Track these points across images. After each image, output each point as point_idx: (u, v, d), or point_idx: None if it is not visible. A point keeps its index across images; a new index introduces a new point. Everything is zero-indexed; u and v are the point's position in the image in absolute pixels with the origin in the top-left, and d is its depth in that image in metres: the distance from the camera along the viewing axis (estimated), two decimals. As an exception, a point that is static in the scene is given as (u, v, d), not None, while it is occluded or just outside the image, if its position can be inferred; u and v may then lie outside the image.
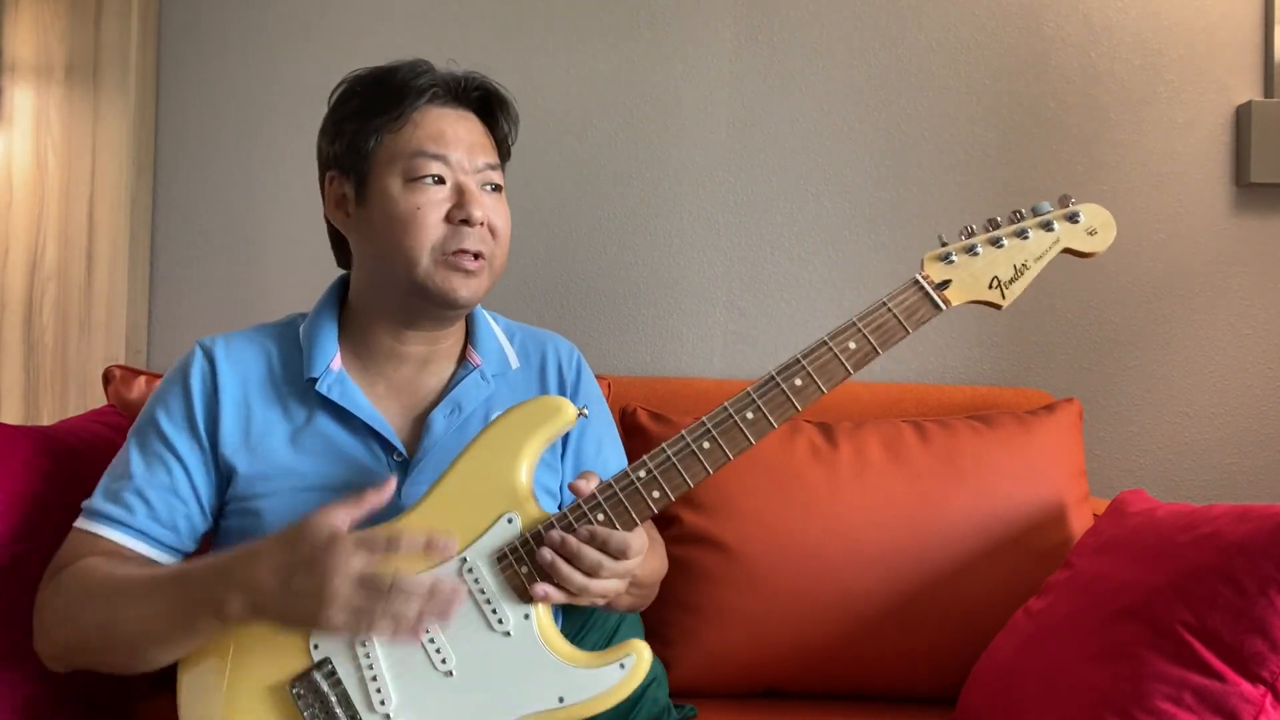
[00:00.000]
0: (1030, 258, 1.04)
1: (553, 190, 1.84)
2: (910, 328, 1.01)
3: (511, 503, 0.99)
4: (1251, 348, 1.78)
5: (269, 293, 1.86)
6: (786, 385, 1.00)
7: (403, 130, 1.09)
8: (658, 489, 0.99)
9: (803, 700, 1.46)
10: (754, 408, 1.00)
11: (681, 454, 0.99)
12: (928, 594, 1.42)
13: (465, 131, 1.12)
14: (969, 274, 1.03)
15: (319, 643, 0.96)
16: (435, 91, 1.11)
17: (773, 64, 1.83)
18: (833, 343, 1.01)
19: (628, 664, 0.96)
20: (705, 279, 1.83)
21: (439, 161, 1.09)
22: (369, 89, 1.12)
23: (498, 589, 0.97)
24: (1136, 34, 1.79)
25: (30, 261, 1.80)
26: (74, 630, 1.01)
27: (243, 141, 1.86)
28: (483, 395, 1.16)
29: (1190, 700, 1.02)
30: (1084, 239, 1.05)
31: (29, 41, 1.80)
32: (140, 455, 1.09)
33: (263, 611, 0.92)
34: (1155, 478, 1.78)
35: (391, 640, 0.95)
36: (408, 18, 1.85)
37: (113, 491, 1.08)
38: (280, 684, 0.95)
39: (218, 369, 1.12)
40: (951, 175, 1.81)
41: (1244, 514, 1.10)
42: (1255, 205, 1.77)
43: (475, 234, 1.08)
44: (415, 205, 1.07)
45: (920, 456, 1.48)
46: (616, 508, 0.98)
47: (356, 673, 0.95)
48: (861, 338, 1.01)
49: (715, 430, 1.00)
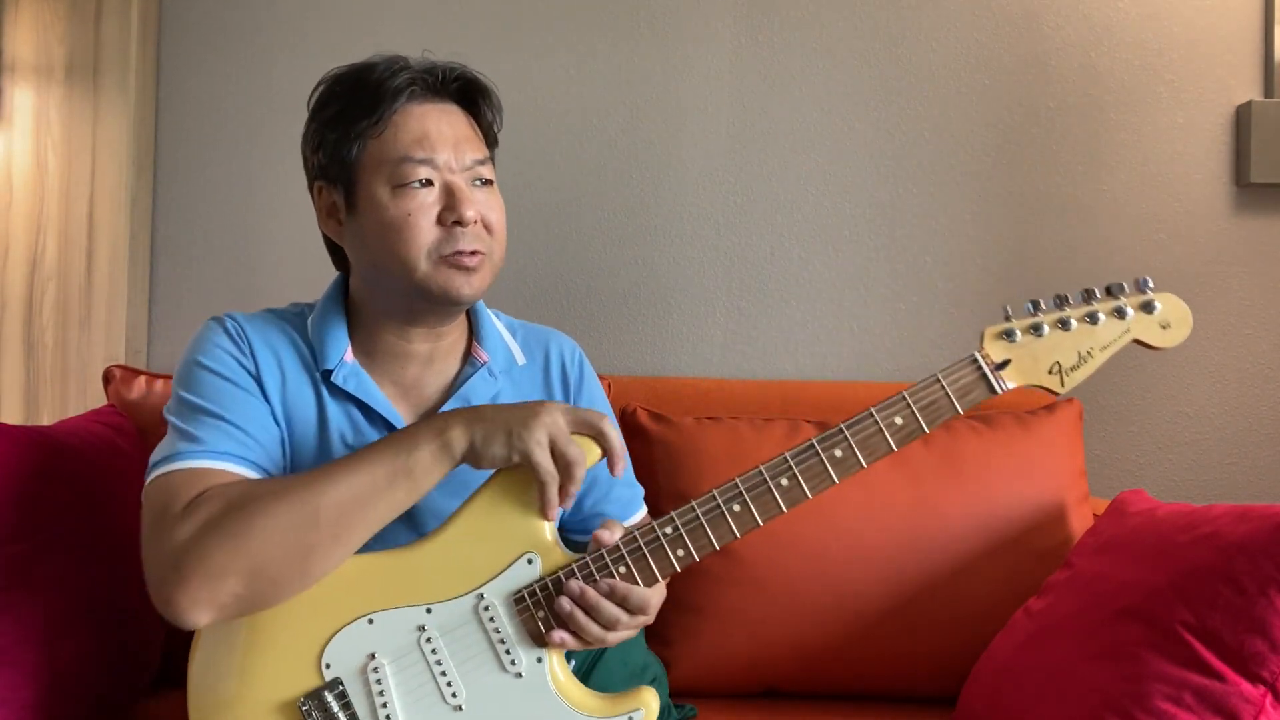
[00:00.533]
0: (1097, 346, 0.98)
1: (553, 190, 1.84)
2: (961, 408, 0.96)
3: (533, 543, 0.98)
4: (1251, 348, 1.78)
5: (269, 293, 1.86)
6: (826, 455, 0.96)
7: (384, 135, 1.06)
8: (682, 547, 0.97)
9: (803, 700, 1.46)
10: (789, 474, 0.97)
11: (710, 514, 0.97)
12: (928, 594, 1.42)
13: (449, 127, 1.08)
14: (1030, 355, 0.97)
15: (331, 663, 0.96)
16: (414, 89, 1.08)
17: (773, 64, 1.83)
18: (879, 415, 0.97)
19: (636, 717, 0.96)
20: (705, 279, 1.83)
21: (425, 165, 1.06)
22: (346, 92, 1.09)
23: (513, 630, 0.97)
24: (1136, 34, 1.79)
25: (30, 261, 1.80)
26: (258, 545, 0.92)
27: (243, 141, 1.86)
28: (490, 392, 1.16)
29: (1190, 700, 1.02)
30: (1157, 332, 0.99)
31: (29, 41, 1.80)
32: (203, 393, 1.03)
33: (479, 426, 0.96)
34: (1155, 478, 1.78)
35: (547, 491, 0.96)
36: (407, 17, 1.85)
37: (184, 432, 1.01)
38: (290, 700, 0.95)
39: (246, 332, 1.10)
40: (951, 175, 1.81)
41: (1244, 514, 1.10)
42: (1255, 205, 1.77)
43: (469, 233, 1.07)
44: (406, 211, 1.05)
45: (920, 456, 1.48)
46: (639, 562, 0.97)
47: (367, 697, 0.95)
48: (910, 414, 0.96)
49: (747, 493, 0.97)
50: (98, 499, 1.30)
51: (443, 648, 0.96)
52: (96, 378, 1.77)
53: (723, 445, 1.50)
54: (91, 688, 1.24)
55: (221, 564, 0.92)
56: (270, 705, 0.95)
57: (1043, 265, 1.80)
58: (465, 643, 0.97)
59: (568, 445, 0.96)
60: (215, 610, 0.93)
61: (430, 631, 0.97)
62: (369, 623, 0.97)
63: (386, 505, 0.96)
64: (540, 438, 0.95)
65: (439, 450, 0.97)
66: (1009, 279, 1.80)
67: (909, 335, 1.81)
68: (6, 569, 1.16)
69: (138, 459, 1.44)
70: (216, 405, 1.03)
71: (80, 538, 1.25)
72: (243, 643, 0.97)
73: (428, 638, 0.97)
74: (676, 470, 1.49)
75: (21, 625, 1.16)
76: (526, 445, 0.95)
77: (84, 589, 1.23)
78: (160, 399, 1.55)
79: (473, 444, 0.96)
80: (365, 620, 0.97)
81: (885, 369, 1.81)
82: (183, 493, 0.96)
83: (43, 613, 1.18)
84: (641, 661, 1.36)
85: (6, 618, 1.15)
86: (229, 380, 1.05)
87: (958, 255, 1.81)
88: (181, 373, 1.07)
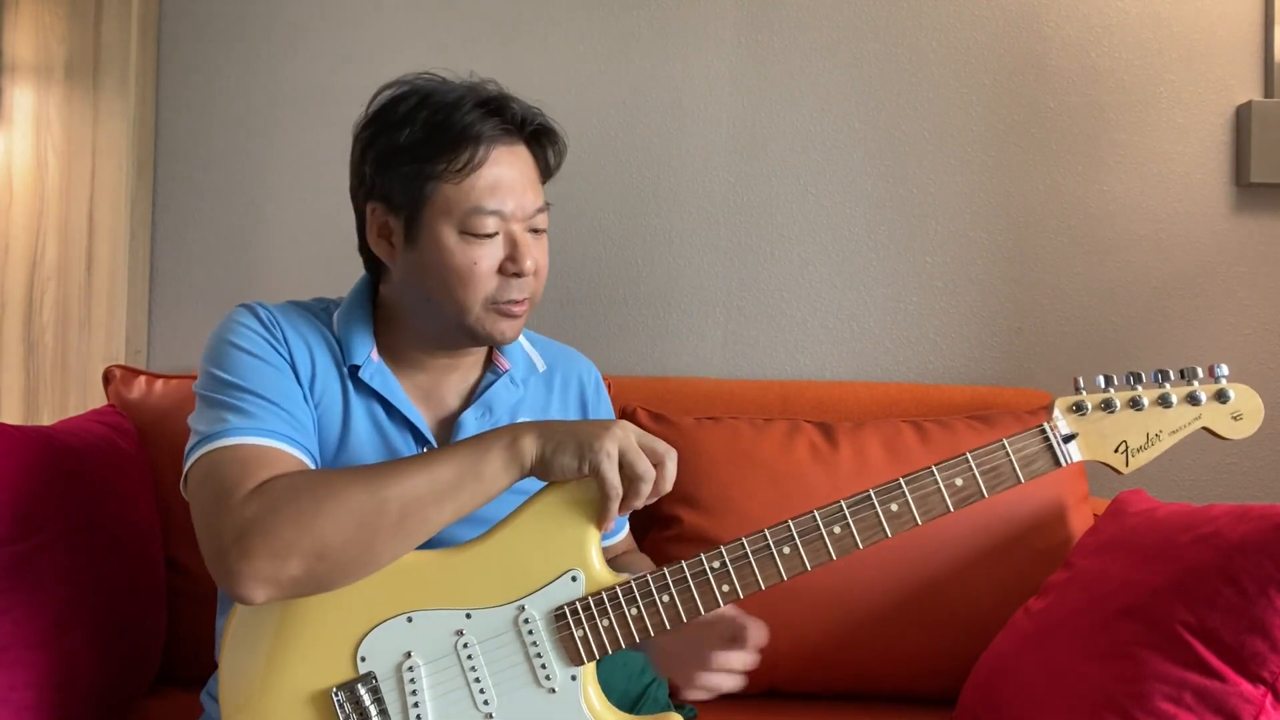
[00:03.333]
0: (1166, 430, 0.97)
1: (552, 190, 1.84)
2: (1024, 477, 0.96)
3: (579, 561, 0.99)
4: (1251, 348, 1.78)
5: (269, 292, 1.85)
6: (882, 508, 0.96)
7: (469, 178, 1.05)
8: (728, 584, 0.97)
9: (803, 700, 1.46)
10: (843, 523, 0.97)
11: (759, 554, 0.97)
12: (928, 594, 1.42)
13: (520, 174, 1.09)
14: (1098, 432, 0.97)
15: (366, 656, 0.96)
16: (505, 132, 1.08)
17: (773, 64, 1.83)
18: (940, 474, 0.96)
19: None
20: (705, 279, 1.83)
21: (495, 216, 1.06)
22: (426, 122, 1.06)
23: (550, 646, 0.97)
24: (1136, 34, 1.79)
25: (30, 261, 1.80)
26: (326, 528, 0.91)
27: (243, 141, 1.86)
28: (513, 399, 1.18)
29: (1190, 700, 1.02)
30: (1227, 423, 0.97)
31: (29, 41, 1.80)
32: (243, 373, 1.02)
33: (551, 437, 0.97)
34: (1155, 478, 1.78)
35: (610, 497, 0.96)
36: (407, 17, 1.85)
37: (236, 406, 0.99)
38: (323, 690, 0.96)
39: (278, 319, 1.09)
40: (951, 175, 1.81)
41: (1244, 514, 1.10)
42: (1255, 205, 1.77)
43: (524, 283, 1.09)
44: (472, 260, 1.06)
45: (920, 456, 1.48)
46: (684, 593, 0.97)
47: (400, 695, 0.96)
48: (971, 477, 0.96)
49: (799, 537, 0.97)
50: (98, 499, 1.30)
51: (479, 655, 0.97)
52: (96, 378, 1.77)
53: (723, 445, 1.50)
54: (91, 687, 1.24)
55: (288, 543, 0.91)
56: (302, 693, 0.96)
57: (1043, 265, 1.80)
58: (502, 653, 0.97)
59: (637, 459, 0.96)
60: (274, 588, 0.92)
61: (468, 637, 0.97)
62: (408, 621, 0.97)
63: (453, 506, 0.96)
64: (611, 450, 0.96)
65: (509, 458, 0.97)
66: (1009, 279, 1.80)
67: (909, 335, 1.81)
68: (6, 569, 1.16)
69: (138, 459, 1.44)
70: (259, 385, 1.02)
71: (80, 538, 1.25)
72: (277, 630, 0.97)
73: (465, 643, 0.97)
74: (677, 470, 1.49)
75: (21, 625, 1.16)
76: (597, 457, 0.95)
77: (84, 589, 1.24)
78: (160, 399, 1.55)
79: (543, 454, 0.97)
80: (405, 618, 0.97)
81: (885, 369, 1.81)
82: (249, 469, 0.95)
83: (43, 613, 1.18)
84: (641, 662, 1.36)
85: (6, 618, 1.15)
86: (265, 362, 1.04)
87: (958, 255, 1.81)
88: (214, 353, 1.05)
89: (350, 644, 0.96)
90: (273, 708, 0.96)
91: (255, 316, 1.08)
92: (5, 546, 1.16)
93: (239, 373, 1.02)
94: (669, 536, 1.46)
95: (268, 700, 0.96)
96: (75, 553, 1.24)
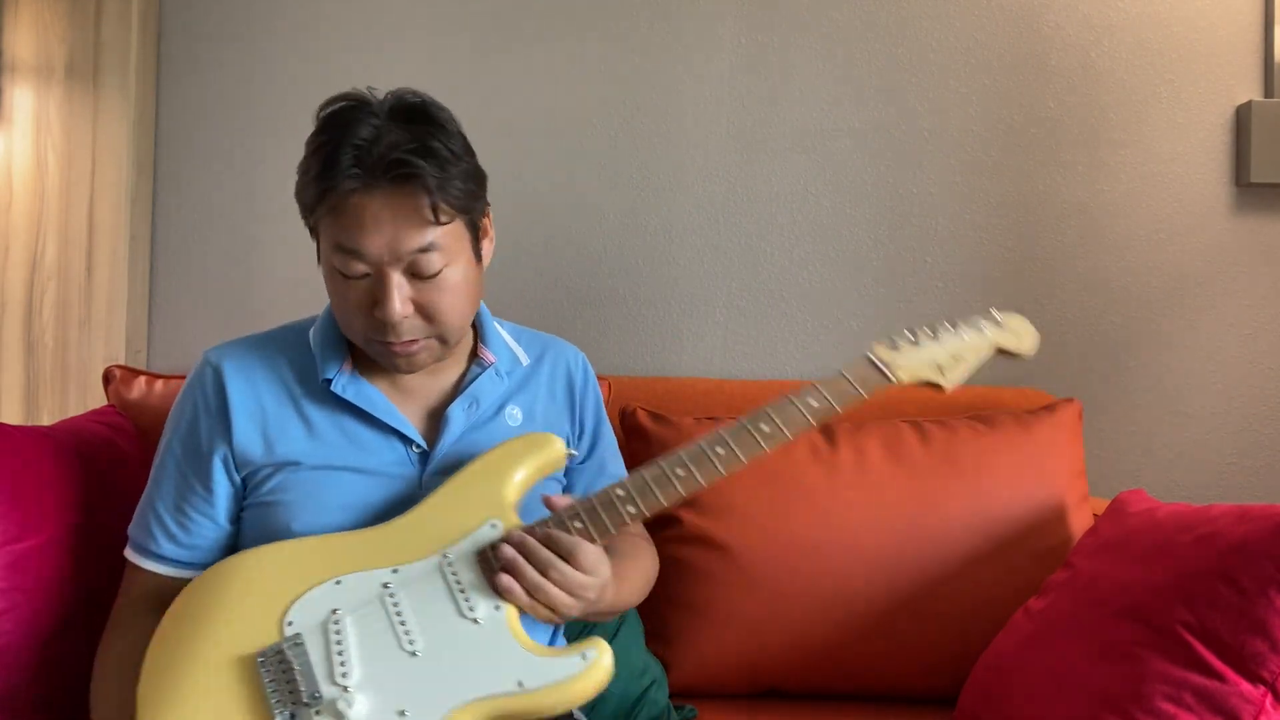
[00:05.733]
0: (967, 351, 1.21)
1: (552, 190, 1.84)
2: (865, 393, 1.15)
3: (497, 511, 1.06)
4: (1252, 347, 1.78)
5: (269, 292, 1.86)
6: (754, 430, 1.10)
7: (325, 219, 1.06)
8: (633, 505, 1.05)
9: (803, 700, 1.46)
10: (725, 444, 1.09)
11: (657, 478, 1.07)
12: (928, 594, 1.42)
13: (389, 217, 1.03)
14: (914, 358, 1.19)
15: (293, 620, 0.99)
16: (351, 177, 1.02)
17: (773, 64, 1.83)
18: (796, 400, 1.12)
19: (589, 655, 0.97)
20: (705, 279, 1.83)
21: (355, 258, 1.04)
22: (312, 155, 1.06)
23: (473, 582, 1.01)
24: (1136, 34, 1.79)
25: (30, 261, 1.80)
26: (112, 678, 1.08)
27: (243, 141, 1.86)
28: (499, 391, 1.19)
29: (1190, 700, 1.02)
30: (1013, 340, 1.23)
31: (29, 41, 1.80)
32: (159, 481, 1.15)
33: None
34: (1155, 478, 1.78)
35: None
36: (407, 17, 1.85)
37: (142, 517, 1.15)
38: (248, 655, 0.97)
39: (225, 378, 1.14)
40: (951, 175, 1.81)
41: (1244, 514, 1.10)
42: (1255, 205, 1.77)
43: (398, 327, 1.06)
44: (341, 296, 1.08)
45: (920, 456, 1.48)
46: (592, 517, 1.04)
47: (324, 647, 0.97)
48: (823, 398, 1.13)
49: (689, 460, 1.08)
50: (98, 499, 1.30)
51: (403, 599, 1.00)
52: (96, 378, 1.77)
53: (723, 445, 1.50)
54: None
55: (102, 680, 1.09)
56: (225, 661, 0.97)
57: (1043, 265, 1.80)
58: (426, 593, 1.00)
59: None
60: None
61: (394, 587, 1.00)
62: (336, 584, 1.01)
63: None
64: None
65: None
66: (1009, 279, 1.80)
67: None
68: (7, 568, 1.16)
69: (138, 459, 1.44)
70: (162, 497, 1.13)
71: (80, 538, 1.25)
72: (206, 610, 1.00)
73: (391, 593, 1.00)
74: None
75: (22, 625, 1.16)
76: None
77: (84, 589, 1.24)
78: (160, 399, 1.55)
79: None
80: (333, 581, 1.01)
81: (885, 369, 1.81)
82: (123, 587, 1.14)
83: (43, 612, 1.18)
84: (641, 663, 1.36)
85: (7, 617, 1.15)
86: (179, 465, 1.13)
87: (958, 255, 1.81)
88: (165, 426, 1.18)
89: (278, 612, 0.99)
90: (193, 682, 0.96)
91: (204, 377, 1.15)
92: (5, 546, 1.16)
93: (160, 469, 1.15)
94: (669, 537, 1.46)
95: (190, 672, 0.96)
96: (75, 553, 1.24)
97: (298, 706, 0.93)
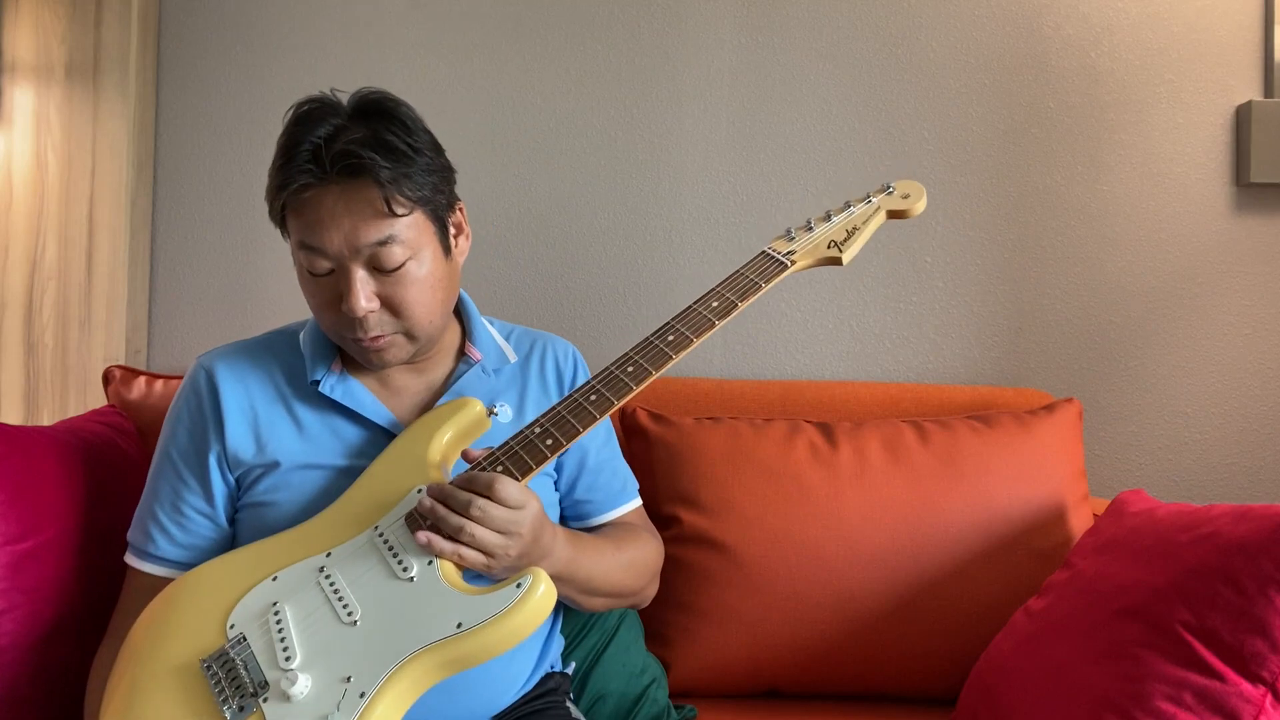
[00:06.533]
0: (859, 221, 1.21)
1: (552, 190, 1.84)
2: (764, 284, 1.14)
3: (422, 477, 1.06)
4: (1251, 348, 1.78)
5: (269, 292, 1.86)
6: (661, 341, 1.10)
7: (289, 222, 1.08)
8: (551, 438, 1.04)
9: (803, 700, 1.46)
10: (634, 362, 1.08)
11: (570, 407, 1.06)
12: (928, 594, 1.42)
13: (344, 211, 1.04)
14: (810, 243, 1.19)
15: (235, 622, 0.99)
16: (305, 176, 1.04)
17: (773, 63, 1.83)
18: (698, 304, 1.13)
19: (524, 583, 0.95)
20: (705, 279, 1.83)
21: (318, 255, 1.06)
22: (276, 157, 1.08)
23: (403, 544, 1.01)
24: (1136, 34, 1.79)
25: (30, 261, 1.80)
26: None
27: (242, 141, 1.86)
28: (485, 388, 1.20)
29: (1190, 700, 1.02)
30: (900, 202, 1.23)
31: (29, 42, 1.80)
32: (156, 484, 1.16)
33: None
34: (1155, 478, 1.78)
35: None
36: (407, 18, 1.85)
37: (140, 521, 1.16)
38: (192, 661, 0.98)
39: (217, 380, 1.15)
40: (951, 175, 1.81)
41: (1244, 514, 1.10)
42: (1255, 205, 1.77)
43: (364, 322, 1.07)
44: (311, 294, 1.10)
45: (920, 456, 1.48)
46: (512, 457, 1.03)
47: (266, 638, 0.97)
48: (724, 297, 1.12)
49: (601, 384, 1.07)
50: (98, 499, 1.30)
51: (338, 576, 1.00)
52: (96, 378, 1.77)
53: (722, 445, 1.50)
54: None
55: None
56: (172, 672, 0.97)
57: (1042, 265, 1.80)
58: (360, 565, 1.00)
59: None
60: None
61: (329, 569, 1.01)
62: (273, 580, 1.02)
63: None
64: None
65: None
66: (1009, 279, 1.80)
67: (909, 335, 1.81)
68: (7, 568, 1.16)
69: (138, 459, 1.44)
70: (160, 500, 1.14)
71: (80, 538, 1.25)
72: (156, 624, 1.02)
73: (327, 574, 1.01)
74: (676, 470, 1.49)
75: (22, 625, 1.16)
76: None
77: (84, 589, 1.24)
78: (160, 399, 1.55)
79: None
80: (270, 579, 1.02)
81: (885, 369, 1.81)
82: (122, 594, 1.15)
83: (43, 612, 1.18)
84: (641, 663, 1.36)
85: (7, 617, 1.15)
86: (175, 469, 1.14)
87: (958, 255, 1.81)
88: (161, 432, 1.19)
89: (220, 617, 1.00)
90: (141, 693, 0.97)
91: (198, 381, 1.16)
92: (6, 546, 1.16)
93: (156, 474, 1.16)
94: (669, 537, 1.46)
95: (138, 684, 0.98)
96: (75, 553, 1.24)
97: (245, 699, 0.93)
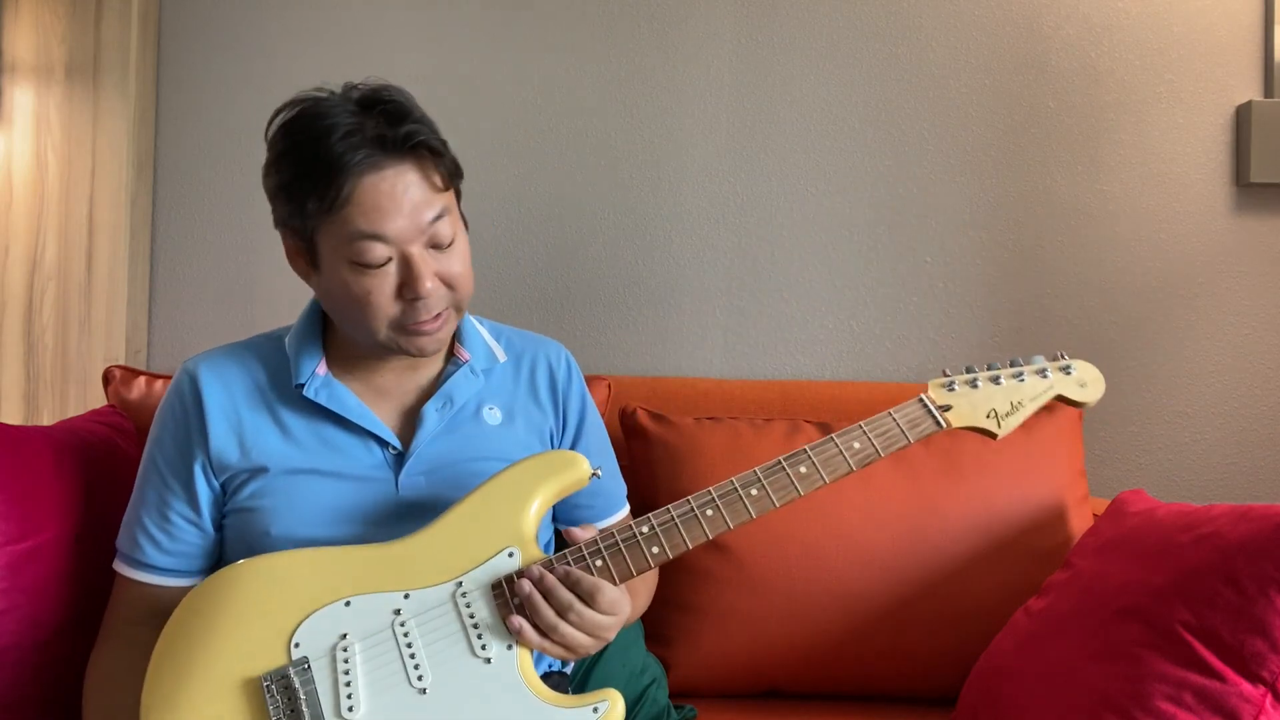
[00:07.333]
0: (1026, 397, 1.12)
1: (552, 190, 1.84)
2: (912, 438, 1.08)
3: (515, 539, 1.02)
4: (1251, 348, 1.78)
5: (268, 292, 1.86)
6: (791, 471, 1.05)
7: (340, 212, 1.02)
8: (657, 545, 1.01)
9: (803, 700, 1.46)
10: (759, 486, 1.04)
11: (685, 517, 1.02)
12: (928, 594, 1.42)
13: (403, 190, 1.03)
14: (969, 402, 1.11)
15: (301, 642, 0.97)
16: (371, 161, 1.01)
17: (773, 64, 1.83)
18: (839, 440, 1.07)
19: (601, 709, 0.95)
20: (705, 279, 1.83)
21: (379, 242, 1.02)
22: (302, 155, 1.03)
23: (487, 616, 0.98)
24: (1136, 34, 1.79)
25: (30, 261, 1.80)
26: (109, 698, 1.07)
27: (242, 141, 1.86)
28: (474, 389, 1.18)
29: (1190, 700, 1.02)
30: (1077, 389, 1.14)
31: (29, 41, 1.80)
32: (143, 491, 1.15)
33: None
34: (1155, 478, 1.78)
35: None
36: (406, 16, 1.85)
37: (128, 529, 1.15)
38: (253, 677, 0.95)
39: (201, 386, 1.14)
40: (951, 175, 1.81)
41: (1244, 514, 1.10)
42: (1255, 205, 1.77)
43: (429, 303, 1.06)
44: (365, 290, 1.04)
45: (920, 457, 1.48)
46: (615, 556, 1.01)
47: (332, 676, 0.95)
48: (867, 440, 1.07)
49: (720, 500, 1.03)
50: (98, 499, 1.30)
51: (414, 630, 0.97)
52: (96, 378, 1.77)
53: (722, 445, 1.50)
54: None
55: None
56: (231, 682, 0.95)
57: (1042, 265, 1.80)
58: (439, 626, 0.98)
59: None
60: None
61: (405, 615, 0.98)
62: (345, 605, 0.98)
63: None
64: None
65: None
66: (1009, 279, 1.80)
67: (909, 335, 1.81)
68: (7, 568, 1.15)
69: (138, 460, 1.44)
70: (146, 508, 1.13)
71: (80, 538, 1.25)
72: (211, 620, 0.98)
73: (402, 621, 0.98)
74: (676, 470, 1.49)
75: (22, 625, 1.16)
76: None
77: (84, 589, 1.23)
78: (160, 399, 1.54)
79: None
80: (342, 603, 0.98)
81: (885, 369, 1.81)
82: (113, 600, 1.15)
83: (43, 612, 1.18)
84: (641, 663, 1.36)
85: (7, 617, 1.15)
86: (161, 475, 1.13)
87: (958, 255, 1.81)
88: (148, 437, 1.17)
89: (285, 632, 0.97)
90: (195, 697, 0.94)
91: (182, 387, 1.15)
92: (6, 546, 1.16)
93: (143, 481, 1.15)
94: (669, 536, 1.46)
95: (192, 687, 0.95)
96: (76, 553, 1.24)
97: None
